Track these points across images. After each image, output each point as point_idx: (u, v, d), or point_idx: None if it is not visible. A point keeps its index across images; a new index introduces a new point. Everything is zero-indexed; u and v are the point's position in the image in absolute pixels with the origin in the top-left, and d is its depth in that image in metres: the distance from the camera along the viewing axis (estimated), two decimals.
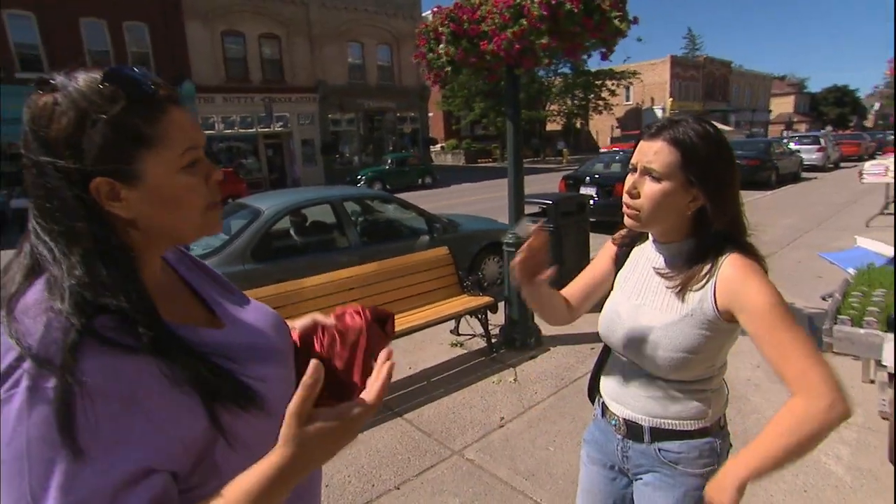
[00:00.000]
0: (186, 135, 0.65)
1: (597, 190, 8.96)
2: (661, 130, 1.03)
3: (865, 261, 3.52)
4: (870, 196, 10.52)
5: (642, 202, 1.04)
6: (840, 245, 6.64)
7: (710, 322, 1.03)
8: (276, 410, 0.68)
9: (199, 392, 0.61)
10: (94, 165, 0.59)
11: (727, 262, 1.02)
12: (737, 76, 48.46)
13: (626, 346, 1.14)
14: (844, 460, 2.48)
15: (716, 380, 1.13)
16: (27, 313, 0.57)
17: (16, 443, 0.52)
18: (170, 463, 0.58)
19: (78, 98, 0.59)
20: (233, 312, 0.80)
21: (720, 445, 1.13)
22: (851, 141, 24.43)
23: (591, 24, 2.99)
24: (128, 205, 0.63)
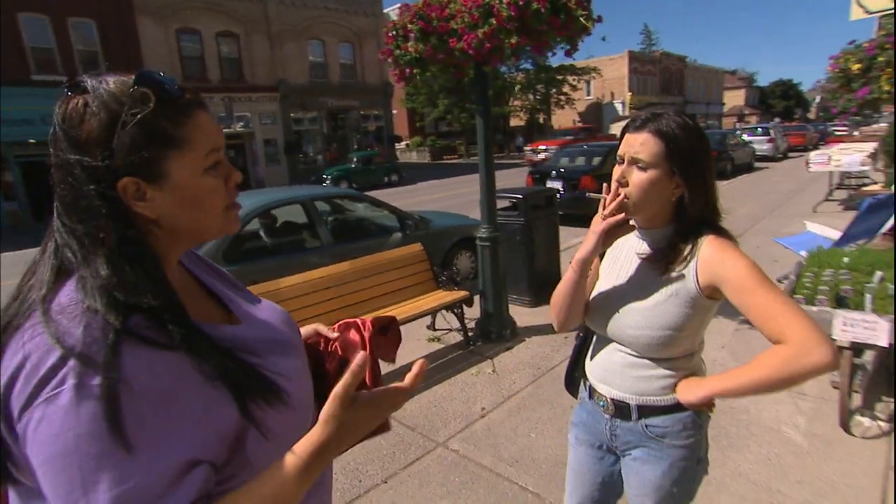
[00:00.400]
0: (210, 137, 0.68)
1: (563, 184, 9.14)
2: (646, 123, 1.11)
3: (815, 244, 3.76)
4: (815, 184, 11.14)
5: (630, 190, 1.12)
6: (791, 230, 7.03)
7: (693, 299, 1.11)
8: (297, 403, 0.73)
9: (229, 387, 0.64)
10: (123, 165, 0.61)
11: (706, 244, 1.11)
12: (692, 70, 50.11)
13: (614, 329, 1.20)
14: (802, 428, 2.66)
15: (696, 356, 1.22)
16: (64, 314, 0.58)
17: (64, 438, 0.53)
18: (210, 454, 0.61)
19: (109, 100, 0.61)
20: (247, 310, 0.83)
21: (701, 417, 1.21)
22: (797, 132, 25.71)
23: (558, 23, 3.08)
24: (153, 205, 0.65)
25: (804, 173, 10.74)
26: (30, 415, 0.55)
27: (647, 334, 1.14)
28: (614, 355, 1.24)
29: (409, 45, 3.51)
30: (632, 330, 1.16)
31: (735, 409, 2.85)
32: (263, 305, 0.88)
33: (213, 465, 0.62)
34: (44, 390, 0.54)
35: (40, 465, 0.55)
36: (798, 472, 2.35)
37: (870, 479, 2.27)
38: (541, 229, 4.91)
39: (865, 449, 2.47)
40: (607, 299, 1.23)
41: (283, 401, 0.69)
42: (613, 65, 41.16)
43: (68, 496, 0.53)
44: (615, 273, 1.25)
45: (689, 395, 1.14)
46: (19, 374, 0.56)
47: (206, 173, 0.68)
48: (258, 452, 0.66)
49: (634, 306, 1.16)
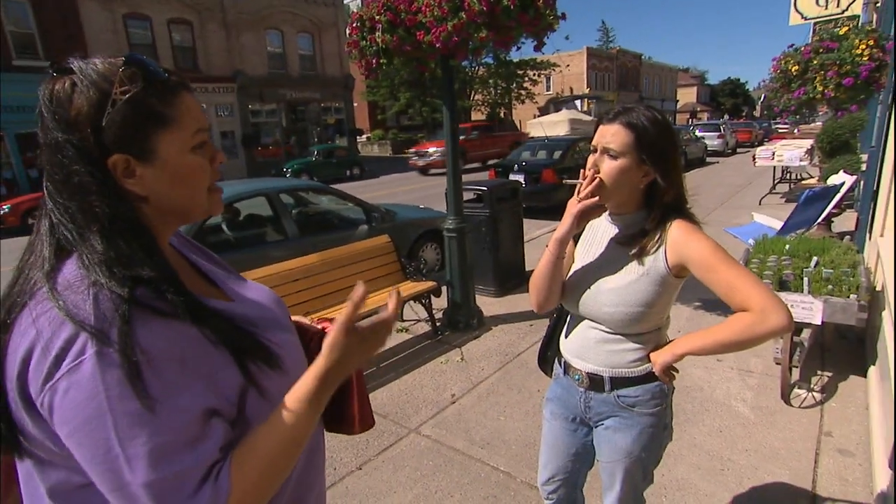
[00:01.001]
0: (196, 118, 0.71)
1: (525, 177, 9.32)
2: (618, 116, 1.20)
3: (761, 233, 4.02)
4: (760, 178, 11.80)
5: (602, 177, 1.21)
6: (739, 221, 7.44)
7: (663, 278, 1.22)
8: (291, 369, 0.78)
9: (231, 349, 0.68)
10: (113, 142, 0.63)
11: (674, 227, 1.22)
12: (647, 67, 51.65)
13: (590, 307, 1.30)
14: (749, 402, 2.88)
15: (663, 331, 1.33)
16: (71, 289, 0.61)
17: (95, 403, 0.57)
18: (222, 406, 0.66)
19: (98, 79, 0.63)
20: (237, 289, 0.86)
21: (667, 388, 1.33)
22: (745, 129, 27.06)
23: (527, 19, 3.16)
24: (143, 182, 0.67)
25: (751, 168, 11.35)
26: (54, 386, 0.58)
27: (622, 311, 1.24)
28: (589, 332, 1.33)
29: (375, 37, 3.51)
30: (607, 308, 1.26)
31: (690, 388, 3.04)
32: (252, 286, 0.91)
33: (226, 418, 0.67)
34: (64, 362, 0.57)
35: (73, 431, 0.58)
36: (746, 441, 2.54)
37: (805, 443, 2.50)
38: (505, 221, 5.02)
39: (803, 417, 2.71)
40: (583, 280, 1.32)
41: (279, 364, 0.74)
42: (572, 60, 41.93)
43: (106, 455, 0.57)
44: (590, 256, 1.34)
45: (663, 356, 1.24)
46: (34, 350, 0.59)
47: (194, 152, 0.71)
48: (256, 412, 0.71)
49: (609, 286, 1.26)
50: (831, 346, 3.42)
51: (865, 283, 2.74)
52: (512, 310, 4.57)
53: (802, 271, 2.89)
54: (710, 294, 1.19)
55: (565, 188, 9.30)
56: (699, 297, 4.35)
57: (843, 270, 2.81)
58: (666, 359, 1.24)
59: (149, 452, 0.57)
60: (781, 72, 6.11)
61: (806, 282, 2.78)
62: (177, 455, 0.59)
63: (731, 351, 1.19)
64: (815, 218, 4.19)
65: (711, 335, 1.18)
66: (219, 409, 0.66)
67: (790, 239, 3.57)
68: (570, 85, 42.60)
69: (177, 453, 0.59)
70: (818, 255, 3.04)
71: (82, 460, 0.59)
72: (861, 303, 2.61)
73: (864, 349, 3.28)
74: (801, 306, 2.71)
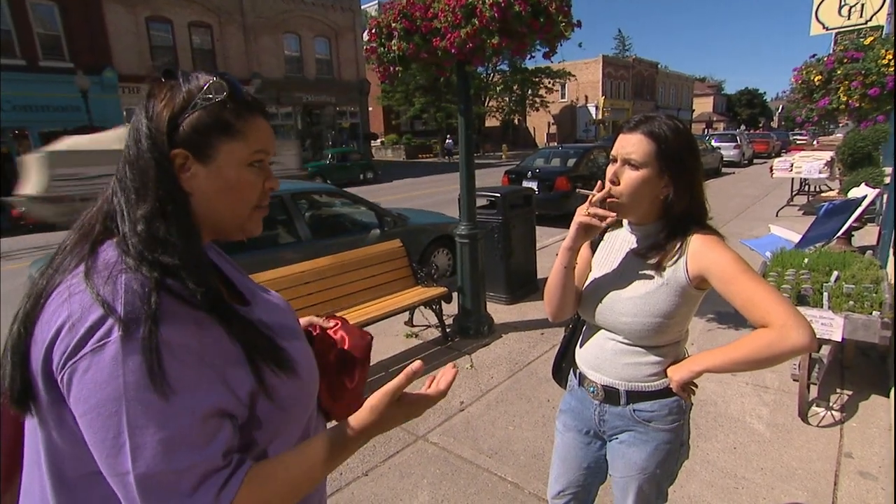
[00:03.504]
0: (262, 140, 0.76)
1: (538, 184, 9.29)
2: (639, 125, 1.18)
3: (778, 246, 3.95)
4: (778, 189, 11.63)
5: (622, 188, 1.18)
6: (756, 233, 7.33)
7: (683, 289, 1.19)
8: (304, 375, 0.79)
9: (246, 349, 0.70)
10: (181, 138, 0.70)
11: (694, 239, 1.19)
12: (663, 76, 51.41)
13: (607, 318, 1.27)
14: (764, 419, 2.81)
15: (681, 345, 1.29)
16: (105, 271, 0.63)
17: (112, 386, 0.58)
18: (233, 407, 0.67)
19: (193, 88, 0.71)
20: (259, 296, 0.88)
21: (684, 403, 1.29)
22: (762, 139, 26.73)
23: (538, 26, 3.16)
24: (194, 180, 0.71)
25: (768, 179, 11.20)
26: (75, 364, 0.59)
27: (640, 321, 1.21)
28: (605, 343, 1.30)
29: (392, 44, 3.53)
30: (625, 318, 1.23)
31: (703, 402, 2.98)
32: (270, 295, 0.93)
33: (235, 419, 0.68)
34: (89, 342, 0.59)
35: (87, 411, 0.59)
36: (761, 459, 2.48)
37: (824, 464, 2.43)
38: (518, 228, 4.99)
39: (821, 436, 2.63)
40: (601, 289, 1.29)
41: (293, 369, 0.75)
42: (588, 69, 41.90)
43: (115, 440, 0.58)
44: (608, 265, 1.32)
45: (680, 373, 1.20)
46: (63, 326, 0.61)
47: (249, 168, 0.75)
48: (267, 415, 0.72)
49: (627, 296, 1.23)
50: (852, 364, 3.33)
51: (889, 299, 2.67)
52: (523, 317, 4.53)
53: (822, 286, 2.82)
54: (725, 307, 1.17)
55: (578, 196, 9.26)
56: (714, 310, 4.28)
57: (866, 286, 2.73)
58: (683, 375, 1.20)
59: (156, 444, 0.58)
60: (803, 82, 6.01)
61: (826, 297, 2.72)
62: (182, 452, 0.60)
63: (751, 369, 1.14)
64: (836, 231, 4.10)
65: (730, 352, 1.14)
66: (231, 410, 0.67)
67: (809, 252, 3.50)
68: (584, 93, 42.52)
69: (183, 450, 0.60)
70: (839, 270, 2.97)
71: (90, 442, 0.60)
72: (885, 320, 2.54)
73: (887, 367, 3.19)
74: (820, 322, 2.64)
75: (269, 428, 0.73)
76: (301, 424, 0.81)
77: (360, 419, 0.74)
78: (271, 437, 0.75)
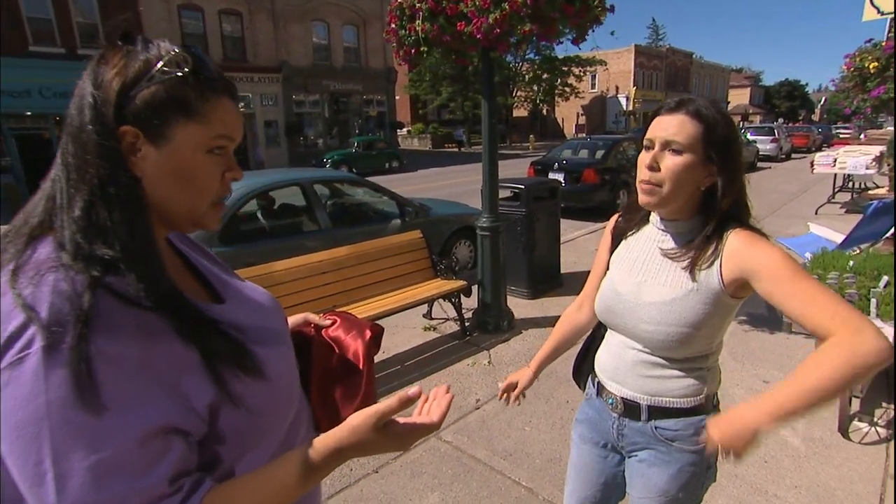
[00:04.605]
0: (226, 123, 0.67)
1: (565, 176, 9.07)
2: (681, 105, 1.04)
3: (818, 246, 3.71)
4: (818, 185, 11.09)
5: (663, 176, 1.03)
6: (794, 231, 6.98)
7: (715, 296, 1.04)
8: (276, 380, 0.71)
9: (203, 353, 0.61)
10: (132, 114, 0.61)
11: (732, 236, 1.04)
12: (697, 67, 49.76)
13: (627, 324, 1.14)
14: (800, 432, 2.63)
15: (712, 358, 1.15)
16: (34, 271, 0.55)
17: (33, 405, 0.50)
18: (186, 423, 0.58)
19: (152, 58, 0.62)
20: (236, 294, 0.79)
21: None
22: (802, 133, 25.60)
23: (572, 11, 2.99)
24: (143, 162, 0.62)
25: (807, 175, 10.68)
26: None
27: (663, 330, 1.07)
28: (626, 352, 1.18)
29: (415, 25, 3.41)
30: (646, 325, 1.10)
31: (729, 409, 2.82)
32: (252, 290, 0.84)
33: (190, 436, 0.59)
34: (7, 354, 0.51)
35: (5, 435, 0.51)
36: (795, 476, 2.32)
37: (866, 486, 2.25)
38: (542, 220, 4.85)
39: (864, 455, 2.45)
40: (621, 292, 1.17)
41: (259, 372, 0.66)
42: (619, 58, 40.84)
43: (36, 468, 0.50)
44: (629, 264, 1.19)
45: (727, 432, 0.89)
46: None
47: (209, 154, 0.66)
48: (234, 427, 0.64)
49: (650, 300, 1.10)
50: None
51: None
52: (545, 313, 4.41)
53: (869, 291, 2.61)
54: (757, 308, 1.01)
55: (606, 188, 9.00)
56: (745, 311, 4.06)
57: None
58: (731, 439, 0.88)
59: (84, 471, 0.50)
60: (856, 70, 5.60)
61: (874, 303, 2.51)
62: (117, 479, 0.51)
63: (830, 399, 0.86)
64: (885, 232, 3.83)
65: (801, 385, 0.86)
66: (182, 426, 0.58)
67: (854, 254, 3.27)
68: (615, 83, 41.51)
69: (118, 476, 0.51)
70: (888, 275, 2.75)
71: (12, 469, 0.52)
72: None
73: None
74: None
75: (236, 442, 0.65)
76: (278, 437, 0.73)
77: (338, 438, 0.64)
78: (241, 452, 0.66)
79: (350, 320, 0.99)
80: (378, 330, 1.00)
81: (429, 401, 0.73)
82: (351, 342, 0.96)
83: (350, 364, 0.96)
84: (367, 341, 0.96)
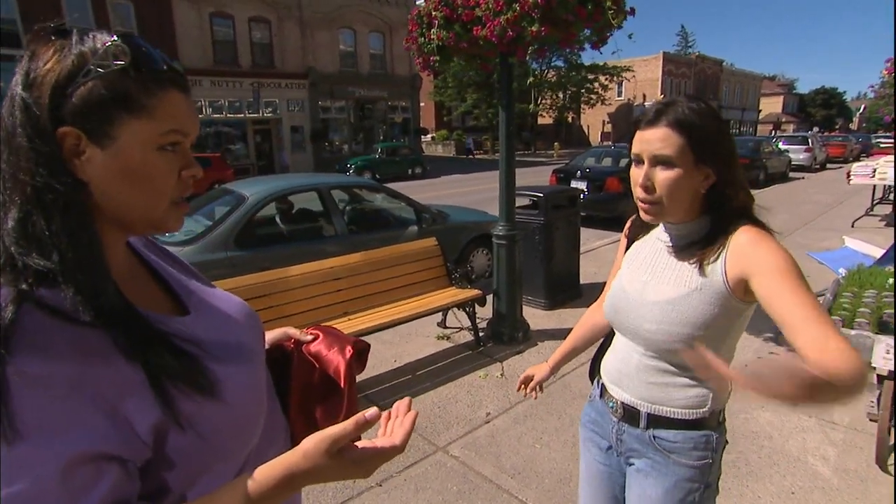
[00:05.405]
0: (177, 118, 0.61)
1: (587, 184, 8.92)
2: (660, 115, 1.01)
3: (854, 261, 3.51)
4: (855, 197, 10.64)
5: (660, 194, 1.02)
6: (827, 245, 6.68)
7: (720, 296, 1.00)
8: (235, 401, 0.65)
9: (147, 367, 0.56)
10: (71, 113, 0.55)
11: (739, 232, 1.01)
12: (728, 75, 48.72)
13: (630, 324, 1.12)
14: (831, 462, 2.46)
15: None
16: None
17: None
18: (124, 447, 0.53)
19: (86, 50, 0.57)
20: (202, 301, 0.74)
21: (716, 440, 1.11)
22: (838, 143, 24.70)
23: (585, 14, 2.92)
24: (88, 165, 0.57)
25: (843, 186, 10.25)
26: None
27: (665, 329, 1.04)
28: (631, 357, 1.15)
29: (431, 33, 3.37)
30: (648, 324, 1.07)
31: (757, 435, 2.66)
32: (225, 303, 0.78)
33: (129, 463, 0.54)
34: None
35: None
36: None
37: None
38: (561, 230, 4.74)
39: None
40: (627, 290, 1.16)
41: (213, 390, 0.61)
42: (647, 66, 40.31)
43: None
44: (637, 263, 1.17)
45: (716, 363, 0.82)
46: None
47: (160, 152, 0.60)
48: (184, 451, 0.59)
49: (654, 299, 1.08)
50: None
51: None
52: (562, 325, 4.29)
53: None
54: None
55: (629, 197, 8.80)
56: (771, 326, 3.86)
57: None
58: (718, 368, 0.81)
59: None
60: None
61: None
62: None
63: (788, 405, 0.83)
64: None
65: None
66: (119, 452, 0.52)
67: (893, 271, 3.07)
68: (643, 90, 40.93)
69: None
70: None
71: None
72: None
73: None
74: None
75: (187, 468, 0.59)
76: (237, 461, 0.67)
77: (289, 464, 0.59)
78: (192, 478, 0.61)
79: (333, 336, 0.94)
80: (362, 346, 0.95)
81: (391, 419, 0.67)
82: (333, 359, 0.91)
83: (331, 382, 0.90)
84: (349, 358, 0.90)
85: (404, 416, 0.67)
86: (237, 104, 20.50)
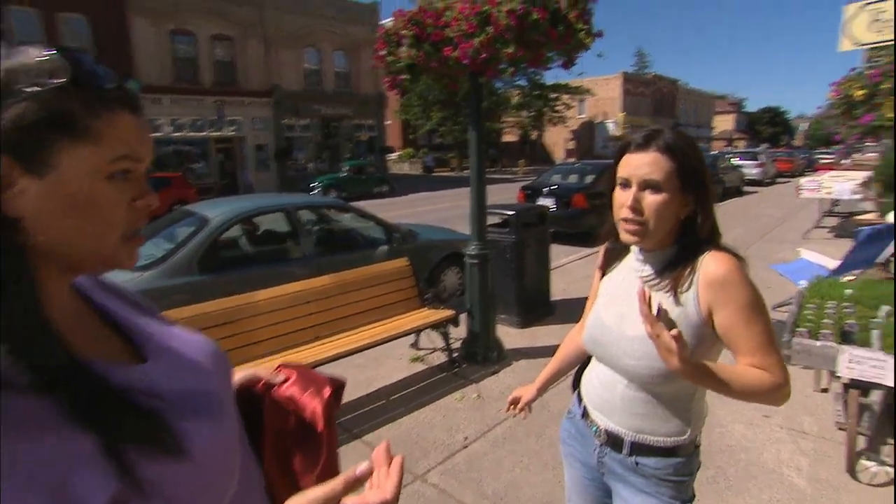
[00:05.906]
0: (128, 142, 0.54)
1: (555, 200, 9.05)
2: (650, 141, 1.04)
3: (811, 272, 3.65)
4: (803, 211, 11.19)
5: (648, 217, 1.04)
6: (783, 257, 6.96)
7: (695, 327, 1.04)
8: (203, 457, 0.57)
9: (102, 436, 0.48)
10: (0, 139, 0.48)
11: (708, 258, 1.04)
12: (683, 93, 50.91)
13: (611, 357, 1.14)
14: (805, 472, 2.50)
15: (697, 395, 1.14)
16: None
17: None
18: None
19: (16, 65, 0.50)
20: (162, 345, 0.65)
21: (693, 463, 1.16)
22: (786, 158, 26.07)
23: (556, 35, 2.96)
24: (22, 197, 0.49)
25: (793, 199, 10.77)
26: None
27: (646, 364, 1.06)
28: (615, 387, 1.16)
29: (401, 52, 3.36)
30: (629, 359, 1.09)
31: (733, 448, 2.69)
32: (187, 344, 0.69)
33: None
34: None
35: None
36: None
37: None
38: (532, 247, 4.76)
39: (875, 497, 2.31)
40: (604, 321, 1.17)
41: (180, 451, 0.53)
42: (607, 85, 41.69)
43: None
44: (613, 297, 1.19)
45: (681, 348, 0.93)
46: None
47: (109, 181, 0.53)
48: None
49: (633, 334, 1.08)
50: None
51: None
52: (535, 343, 4.27)
53: (870, 322, 2.52)
54: None
55: (595, 213, 8.97)
56: None
57: None
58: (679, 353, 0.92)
59: None
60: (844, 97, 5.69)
61: (876, 335, 2.42)
62: None
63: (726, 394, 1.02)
64: (878, 257, 3.78)
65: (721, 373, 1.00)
66: None
67: (851, 282, 3.20)
68: (603, 109, 42.26)
69: None
70: (888, 304, 2.67)
71: None
72: None
73: None
74: (869, 364, 2.34)
75: None
76: None
77: None
78: None
79: (306, 376, 0.86)
80: (339, 385, 0.88)
81: (376, 469, 0.62)
82: (308, 401, 0.84)
83: (308, 426, 0.83)
84: (326, 399, 0.84)
85: (388, 465, 0.63)
86: (199, 122, 20.01)
